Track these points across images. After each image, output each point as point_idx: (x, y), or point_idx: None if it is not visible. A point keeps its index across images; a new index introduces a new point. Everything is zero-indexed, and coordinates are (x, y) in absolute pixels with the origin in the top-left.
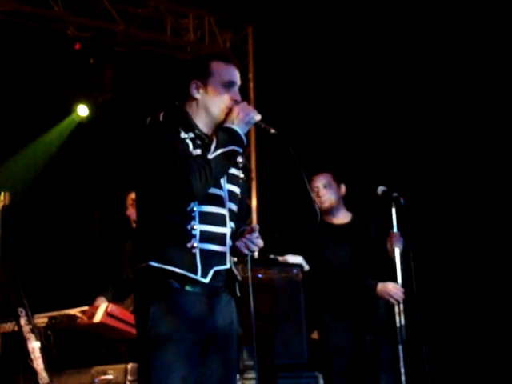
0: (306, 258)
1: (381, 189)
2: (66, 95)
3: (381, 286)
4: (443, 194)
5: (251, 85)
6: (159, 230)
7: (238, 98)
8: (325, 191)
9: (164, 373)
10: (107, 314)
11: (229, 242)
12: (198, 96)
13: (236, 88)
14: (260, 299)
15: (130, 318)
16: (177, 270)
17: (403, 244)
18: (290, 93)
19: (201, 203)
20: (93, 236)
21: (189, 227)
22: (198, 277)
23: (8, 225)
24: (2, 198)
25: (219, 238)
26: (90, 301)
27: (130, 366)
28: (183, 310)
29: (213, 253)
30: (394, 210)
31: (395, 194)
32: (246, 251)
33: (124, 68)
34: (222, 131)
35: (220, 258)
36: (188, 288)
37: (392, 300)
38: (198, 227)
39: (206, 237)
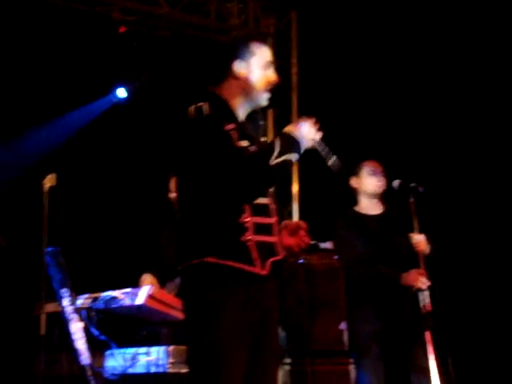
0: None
1: (396, 182)
2: (107, 77)
3: (405, 275)
4: (459, 184)
5: (294, 70)
6: (210, 226)
7: (276, 79)
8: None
9: (219, 359)
10: (150, 296)
11: (276, 232)
12: (240, 76)
13: (272, 68)
14: (299, 285)
15: (173, 300)
16: (235, 264)
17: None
18: (333, 79)
19: None
20: (134, 219)
21: (241, 221)
22: (258, 269)
23: (54, 205)
24: (49, 179)
25: (269, 229)
26: (131, 283)
27: (171, 348)
28: (239, 304)
29: (266, 244)
30: (412, 201)
31: (413, 184)
32: (296, 250)
33: (167, 52)
34: (287, 138)
35: (273, 248)
36: (244, 281)
37: (416, 286)
38: (249, 219)
39: (258, 229)
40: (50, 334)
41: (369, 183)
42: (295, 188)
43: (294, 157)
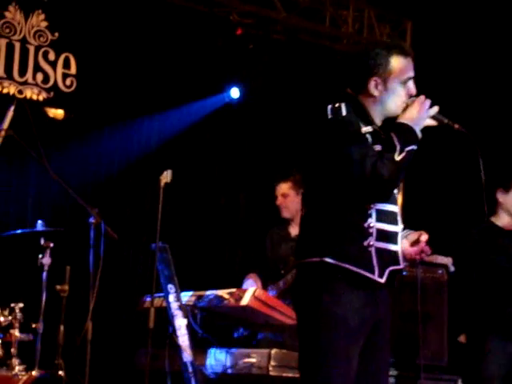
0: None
1: None
2: (220, 77)
3: None
4: None
5: None
6: (335, 227)
7: (414, 92)
8: None
9: (333, 362)
10: (255, 297)
11: (400, 241)
12: (376, 93)
13: (412, 82)
14: (403, 297)
15: (277, 303)
16: (354, 268)
17: None
18: (448, 93)
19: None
20: (241, 220)
21: (366, 225)
22: (376, 277)
23: (169, 202)
24: (166, 175)
25: (393, 237)
26: (234, 283)
27: (273, 351)
28: (354, 304)
29: (388, 252)
30: None
31: None
32: (417, 258)
33: (281, 56)
34: (402, 130)
35: (394, 257)
36: (359, 286)
37: None
38: (374, 225)
39: (381, 235)
40: (156, 328)
41: None
42: (399, 200)
43: (414, 146)
